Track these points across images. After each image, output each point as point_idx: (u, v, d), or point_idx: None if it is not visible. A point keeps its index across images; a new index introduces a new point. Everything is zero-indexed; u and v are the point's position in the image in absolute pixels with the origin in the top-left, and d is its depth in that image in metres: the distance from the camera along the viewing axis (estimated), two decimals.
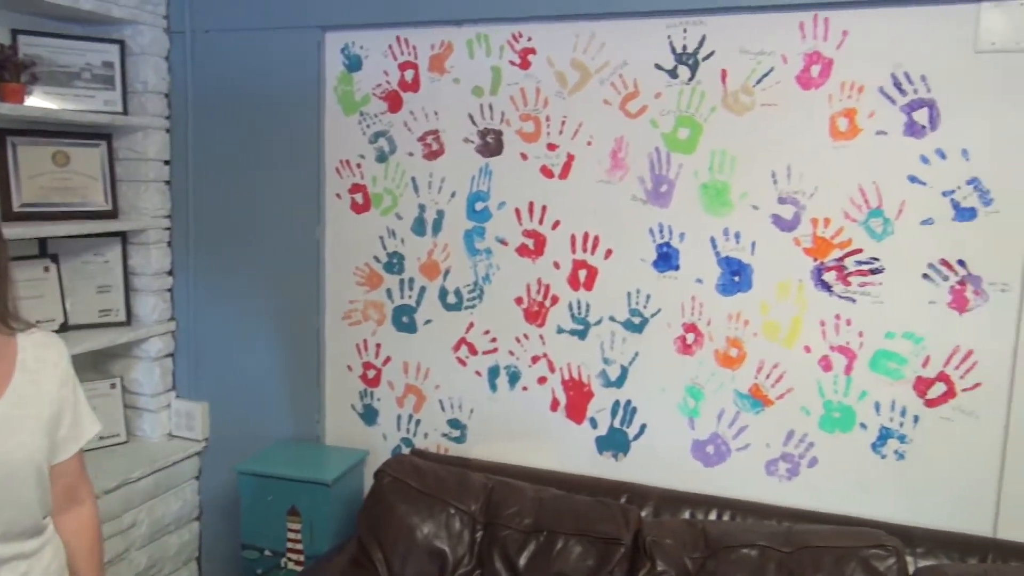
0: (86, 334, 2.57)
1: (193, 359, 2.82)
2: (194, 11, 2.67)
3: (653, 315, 2.30)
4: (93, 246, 2.67)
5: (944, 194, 2.01)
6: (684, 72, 2.20)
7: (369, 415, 2.66)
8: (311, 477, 2.42)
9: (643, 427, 2.35)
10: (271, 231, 2.67)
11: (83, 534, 1.50)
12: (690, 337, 2.27)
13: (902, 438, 2.10)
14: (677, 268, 2.27)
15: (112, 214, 2.65)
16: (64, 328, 2.57)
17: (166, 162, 2.76)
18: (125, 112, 2.64)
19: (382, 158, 2.55)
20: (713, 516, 2.16)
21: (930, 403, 2.07)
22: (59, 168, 2.54)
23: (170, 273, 2.80)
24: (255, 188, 2.67)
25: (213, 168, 2.72)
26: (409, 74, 2.49)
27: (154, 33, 2.67)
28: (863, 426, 2.13)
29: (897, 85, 2.03)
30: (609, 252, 2.33)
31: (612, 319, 2.34)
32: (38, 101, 2.44)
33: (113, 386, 2.75)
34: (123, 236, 2.72)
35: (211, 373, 2.80)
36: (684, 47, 2.20)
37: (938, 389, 2.06)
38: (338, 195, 2.62)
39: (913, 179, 2.03)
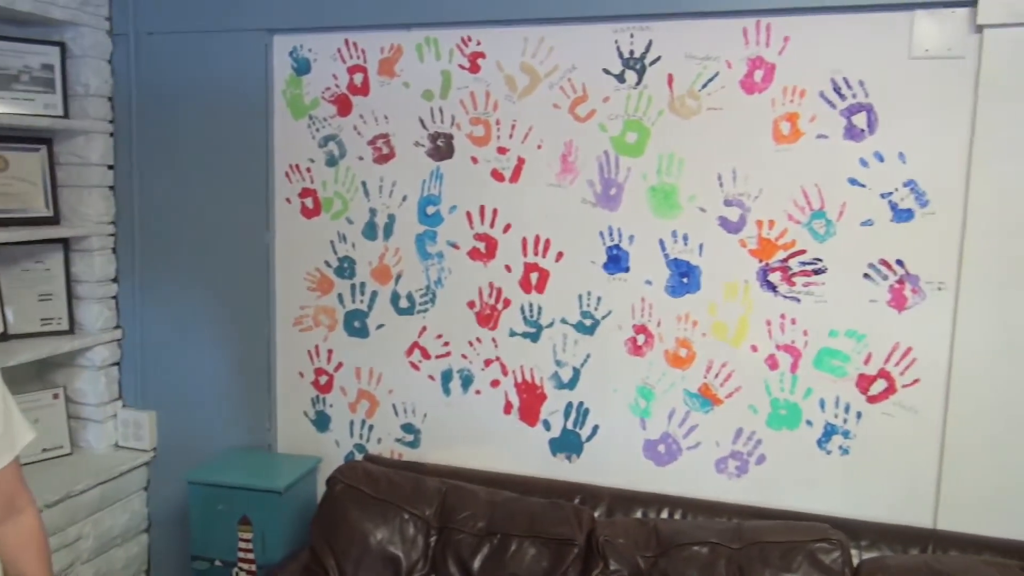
0: (27, 343, 2.50)
1: (140, 367, 2.76)
2: (137, 13, 2.62)
3: (604, 317, 2.32)
4: (34, 253, 2.60)
5: (883, 196, 2.07)
6: (631, 77, 2.23)
7: (321, 421, 2.63)
8: (262, 485, 2.39)
9: (596, 428, 2.37)
10: (219, 236, 2.63)
11: (28, 543, 1.47)
12: (640, 338, 2.30)
13: (846, 434, 2.15)
14: (627, 270, 2.29)
15: (53, 220, 2.59)
16: (4, 337, 2.50)
17: (110, 167, 2.70)
18: (66, 116, 2.58)
19: (332, 162, 2.53)
20: (665, 515, 2.19)
21: (872, 399, 2.13)
22: None
23: (115, 280, 2.74)
24: (202, 193, 2.63)
25: (159, 173, 2.67)
26: (358, 78, 2.47)
27: (96, 35, 2.61)
28: (809, 423, 2.18)
29: (837, 90, 2.08)
30: (560, 255, 2.34)
31: (564, 321, 2.36)
32: None
33: (56, 396, 2.68)
34: (65, 243, 2.66)
35: (159, 381, 2.75)
36: (631, 52, 2.22)
37: (879, 386, 2.12)
38: (288, 199, 2.59)
39: (853, 181, 2.09)
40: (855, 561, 1.96)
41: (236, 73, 2.55)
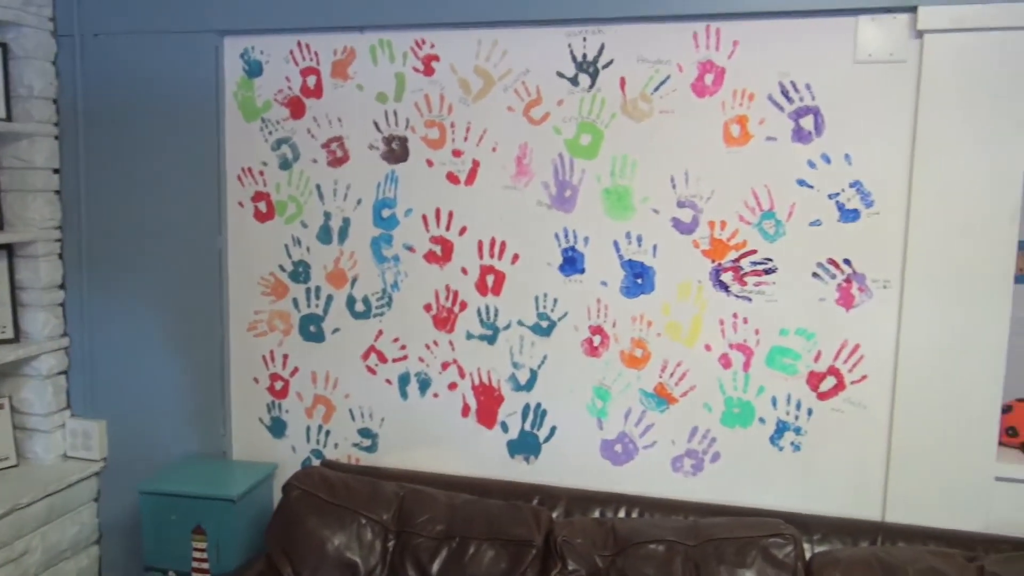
0: None
1: (89, 376, 2.69)
2: (83, 14, 2.56)
3: (560, 318, 2.34)
4: None
5: (830, 196, 2.12)
6: (585, 80, 2.25)
7: (277, 427, 2.60)
8: (216, 493, 2.35)
9: (553, 429, 2.38)
10: (170, 241, 2.58)
11: None
12: (596, 339, 2.32)
13: (798, 430, 2.20)
14: (582, 272, 2.31)
15: None
16: None
17: (55, 170, 2.64)
18: (9, 118, 2.51)
19: (285, 165, 2.50)
20: (622, 514, 2.21)
21: (822, 396, 2.17)
22: None
23: (62, 287, 2.68)
24: (152, 197, 2.58)
25: (107, 177, 2.62)
26: (311, 80, 2.45)
27: (39, 36, 2.54)
28: (762, 420, 2.22)
29: (784, 93, 2.12)
30: (516, 257, 2.35)
31: (520, 323, 2.37)
32: None
33: (1, 407, 2.61)
34: (9, 248, 2.59)
35: (108, 390, 2.69)
36: (584, 55, 2.24)
37: (829, 382, 2.17)
38: (240, 203, 2.56)
39: (801, 183, 2.13)
40: (807, 555, 2.00)
41: (186, 75, 2.51)
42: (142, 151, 2.58)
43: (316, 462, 2.56)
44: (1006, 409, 2.17)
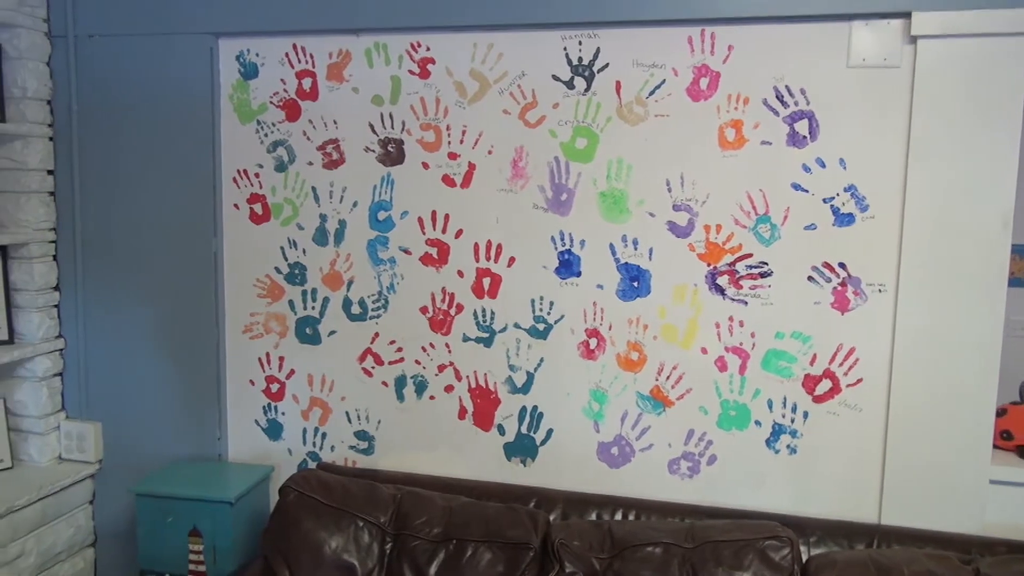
0: None
1: (83, 378, 2.69)
2: (77, 15, 2.55)
3: (557, 321, 2.34)
4: None
5: (825, 200, 2.13)
6: (580, 83, 2.25)
7: (273, 430, 2.60)
8: (212, 496, 2.35)
9: (550, 432, 2.38)
10: (165, 243, 2.58)
11: None
12: (593, 342, 2.32)
13: (794, 433, 2.21)
14: (579, 275, 2.31)
15: None
16: None
17: (50, 172, 2.63)
18: (3, 119, 2.50)
19: (281, 167, 2.50)
20: (619, 516, 2.22)
21: (818, 399, 2.18)
22: None
23: (56, 288, 2.67)
24: (147, 199, 2.58)
25: (102, 178, 2.61)
26: (307, 82, 2.45)
27: (33, 36, 2.53)
28: (758, 423, 2.23)
29: (779, 97, 2.13)
30: (512, 260, 2.35)
31: (517, 326, 2.37)
32: None
33: None
34: (3, 250, 2.58)
35: (104, 392, 2.68)
36: (580, 59, 2.24)
37: (825, 386, 2.18)
38: (236, 205, 2.55)
39: (796, 187, 2.14)
40: (804, 557, 2.01)
41: (181, 77, 2.51)
42: (137, 153, 2.57)
43: (312, 465, 2.56)
44: (1000, 412, 2.18)
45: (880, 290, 2.11)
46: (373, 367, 2.49)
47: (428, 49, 2.35)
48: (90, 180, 2.62)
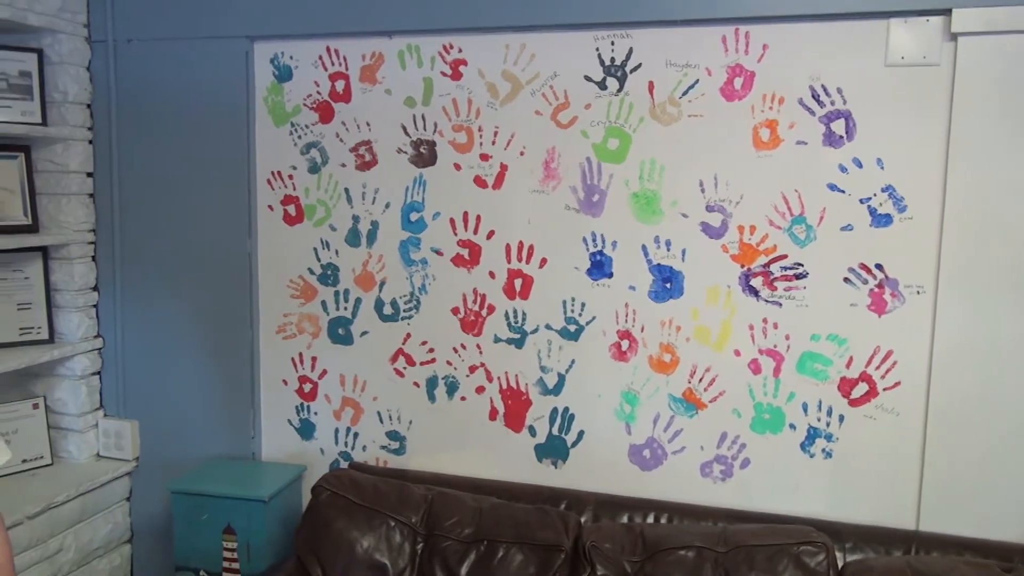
0: (6, 353, 2.47)
1: (121, 377, 2.73)
2: (116, 20, 2.60)
3: (588, 323, 2.33)
4: (12, 262, 2.57)
5: (862, 201, 2.10)
6: (613, 84, 2.24)
7: (306, 429, 2.62)
8: (246, 494, 2.38)
9: (581, 434, 2.37)
10: (201, 244, 2.61)
11: None
12: (625, 344, 2.31)
13: (829, 437, 2.18)
14: (611, 276, 2.30)
15: (32, 228, 2.56)
16: None
17: (89, 174, 2.68)
18: (44, 123, 2.55)
19: (314, 169, 2.52)
20: (651, 519, 2.20)
21: (854, 403, 2.15)
22: None
23: (95, 289, 2.72)
24: (184, 200, 2.62)
25: (139, 180, 2.65)
26: (340, 85, 2.47)
27: (74, 42, 2.58)
28: (792, 427, 2.20)
29: (815, 97, 2.10)
30: (544, 261, 2.35)
31: (548, 327, 2.37)
32: None
33: (36, 406, 2.65)
34: (44, 251, 2.63)
35: (140, 391, 2.72)
36: (612, 59, 2.24)
37: (861, 389, 2.14)
38: (270, 207, 2.58)
39: (833, 187, 2.11)
40: (839, 563, 1.98)
41: (217, 80, 2.54)
42: (174, 155, 2.61)
43: (344, 464, 2.57)
44: None
45: (919, 292, 2.08)
46: (405, 368, 2.51)
47: (460, 51, 2.35)
48: (128, 182, 2.66)
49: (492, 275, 2.40)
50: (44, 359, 2.53)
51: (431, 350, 2.48)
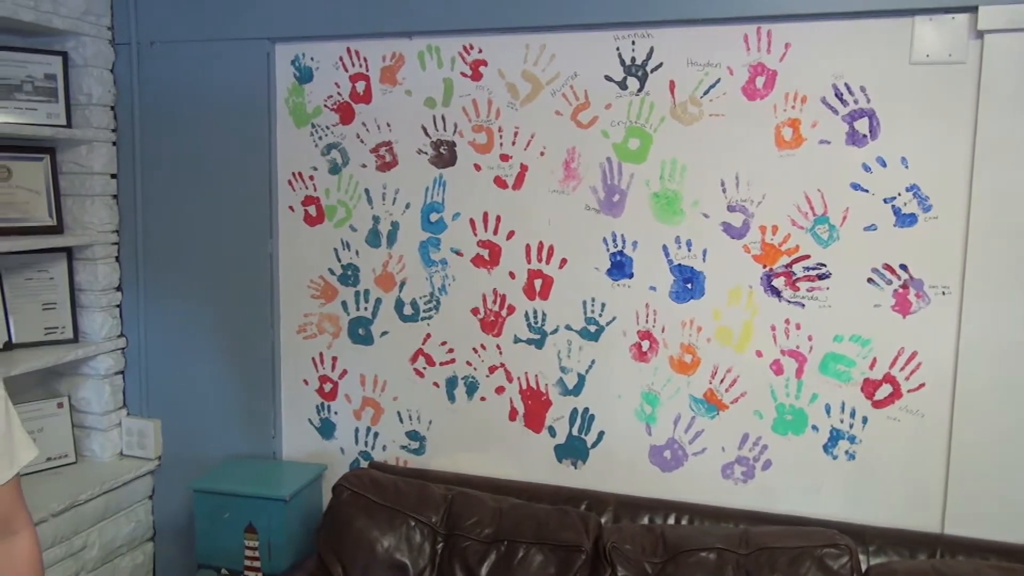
0: (31, 352, 2.50)
1: (144, 376, 2.76)
2: (139, 23, 2.63)
3: (608, 323, 2.33)
4: (37, 262, 2.60)
5: (886, 201, 2.08)
6: (633, 83, 2.23)
7: (326, 429, 2.63)
8: (267, 493, 2.39)
9: (601, 434, 2.37)
10: (223, 245, 2.63)
11: (16, 566, 1.40)
12: (645, 344, 2.30)
13: (852, 439, 2.15)
14: (631, 276, 2.29)
15: (57, 229, 2.59)
16: (8, 347, 2.50)
17: (113, 175, 2.71)
18: (69, 125, 2.58)
19: (335, 170, 2.53)
20: (671, 520, 2.19)
21: (878, 404, 2.13)
22: (0, 183, 2.48)
23: (119, 289, 2.74)
24: (206, 201, 2.64)
25: (162, 181, 2.68)
26: (360, 86, 2.48)
27: (98, 45, 2.61)
28: (815, 428, 2.18)
29: (838, 95, 2.09)
30: (564, 261, 2.35)
31: (568, 328, 2.36)
32: None
33: (61, 405, 2.68)
34: (69, 252, 2.66)
35: (163, 390, 2.75)
36: (633, 59, 2.23)
37: (885, 390, 2.12)
38: (291, 207, 2.59)
39: (856, 186, 2.09)
40: (863, 566, 1.96)
41: (238, 82, 2.56)
42: (196, 156, 2.63)
43: (364, 464, 2.58)
44: None
45: (944, 292, 2.05)
46: (424, 368, 2.51)
47: (480, 51, 2.35)
48: (151, 183, 2.69)
49: (512, 275, 2.40)
50: (68, 358, 2.56)
51: (451, 350, 2.48)
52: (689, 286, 2.25)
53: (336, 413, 2.62)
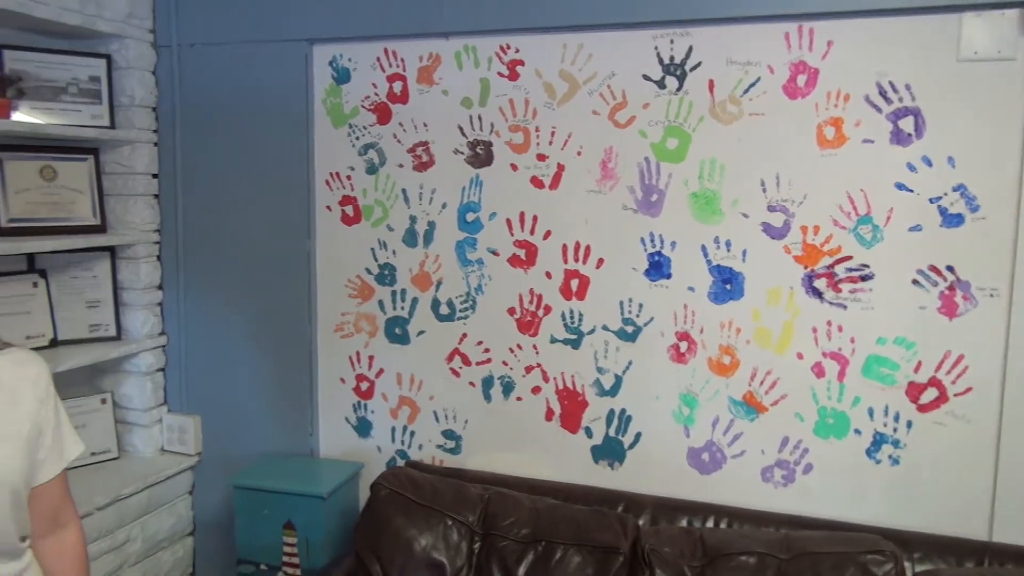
0: (76, 349, 2.55)
1: (184, 373, 2.80)
2: (180, 25, 2.66)
3: (646, 324, 2.31)
4: (82, 261, 2.66)
5: (931, 201, 2.03)
6: (672, 82, 2.21)
7: (363, 427, 2.65)
8: (306, 490, 2.41)
9: (638, 436, 2.35)
10: (261, 244, 2.66)
11: (64, 558, 1.44)
12: (683, 345, 2.28)
13: (896, 443, 2.12)
14: (669, 277, 2.28)
15: (100, 229, 2.64)
16: (54, 344, 2.55)
17: (154, 176, 2.75)
18: (112, 126, 2.63)
19: (372, 170, 2.55)
20: (710, 524, 2.17)
21: (923, 408, 2.09)
22: (46, 183, 2.53)
23: (160, 287, 2.79)
24: (245, 201, 2.66)
25: (202, 181, 2.71)
26: (398, 86, 2.49)
27: (140, 47, 2.65)
28: (857, 432, 2.15)
29: (882, 94, 2.05)
30: (601, 261, 2.34)
31: (605, 328, 2.35)
32: (25, 116, 2.43)
33: (104, 401, 2.73)
34: (112, 251, 2.71)
35: (203, 387, 2.79)
36: (671, 58, 2.21)
37: (930, 394, 2.08)
38: (328, 207, 2.61)
39: (900, 186, 2.05)
40: (908, 574, 1.93)
41: (277, 83, 2.58)
42: (235, 156, 2.66)
43: (401, 462, 2.60)
44: None
45: (992, 295, 2.01)
46: (461, 367, 2.51)
47: (517, 51, 2.35)
48: (191, 183, 2.73)
49: (548, 275, 2.39)
50: (112, 355, 2.61)
51: (487, 350, 2.48)
52: (728, 287, 2.23)
53: (373, 412, 2.63)
